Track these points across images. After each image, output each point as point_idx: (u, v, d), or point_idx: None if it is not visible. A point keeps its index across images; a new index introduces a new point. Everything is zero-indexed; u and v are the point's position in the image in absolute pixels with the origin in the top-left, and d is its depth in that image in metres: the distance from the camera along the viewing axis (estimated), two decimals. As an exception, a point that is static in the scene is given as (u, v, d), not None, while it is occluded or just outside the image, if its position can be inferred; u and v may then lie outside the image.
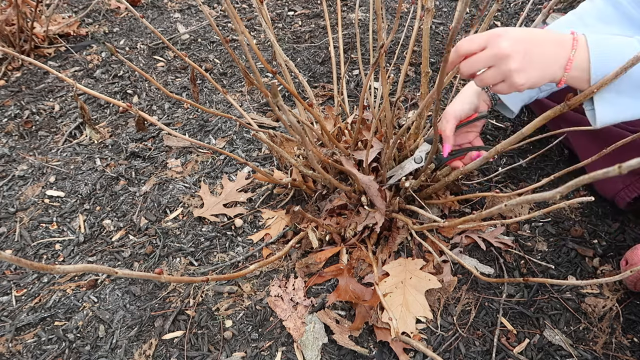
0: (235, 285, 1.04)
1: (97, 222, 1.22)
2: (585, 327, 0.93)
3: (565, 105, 0.62)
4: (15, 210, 1.27)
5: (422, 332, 0.93)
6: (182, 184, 1.30)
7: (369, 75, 0.84)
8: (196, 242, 1.14)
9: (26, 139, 1.52)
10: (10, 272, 1.12)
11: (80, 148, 1.47)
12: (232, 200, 1.23)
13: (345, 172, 1.07)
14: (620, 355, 0.88)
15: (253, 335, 0.95)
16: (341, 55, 1.32)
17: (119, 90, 1.70)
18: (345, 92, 1.38)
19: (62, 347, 0.96)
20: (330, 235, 1.07)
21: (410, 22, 1.87)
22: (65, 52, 1.93)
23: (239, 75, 1.74)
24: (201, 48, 1.92)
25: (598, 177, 0.32)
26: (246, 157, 1.37)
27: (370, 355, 0.89)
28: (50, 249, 1.16)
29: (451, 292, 0.98)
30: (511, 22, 1.96)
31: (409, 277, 0.98)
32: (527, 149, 1.30)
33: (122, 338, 0.96)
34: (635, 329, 0.92)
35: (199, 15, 2.18)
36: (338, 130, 1.20)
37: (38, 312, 1.02)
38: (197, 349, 0.93)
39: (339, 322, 0.94)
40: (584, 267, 1.02)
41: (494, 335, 0.91)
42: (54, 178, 1.36)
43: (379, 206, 0.99)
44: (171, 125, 1.53)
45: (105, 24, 2.13)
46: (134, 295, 1.04)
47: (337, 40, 1.57)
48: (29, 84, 1.76)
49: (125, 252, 1.13)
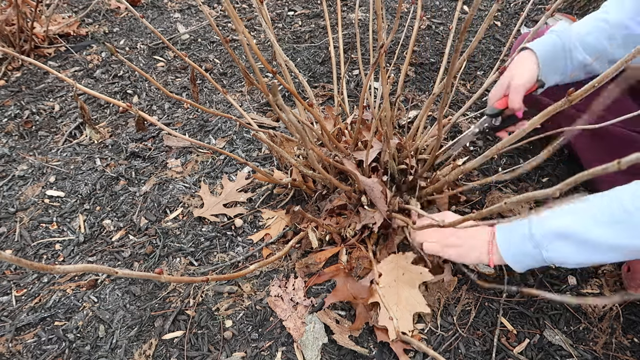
0: (235, 285, 1.04)
1: (97, 222, 1.22)
2: (585, 327, 0.93)
3: (566, 101, 0.61)
4: (15, 210, 1.27)
5: (422, 332, 0.92)
6: (182, 184, 1.30)
7: (369, 75, 0.84)
8: (196, 242, 1.14)
9: (26, 139, 1.52)
10: (10, 272, 1.12)
11: (80, 148, 1.47)
12: (232, 200, 1.23)
13: (345, 172, 1.07)
14: (620, 356, 0.88)
15: (253, 335, 0.94)
16: (341, 55, 1.32)
17: (119, 90, 1.70)
18: (345, 92, 1.38)
19: (62, 347, 0.96)
20: (330, 235, 1.07)
21: (410, 22, 1.87)
22: (65, 52, 1.93)
23: (239, 75, 1.74)
24: (201, 48, 1.92)
25: (597, 174, 0.32)
26: (246, 157, 1.37)
27: (370, 355, 0.89)
28: (50, 249, 1.16)
29: (451, 292, 0.98)
30: (511, 22, 1.96)
31: (402, 273, 0.97)
32: (527, 148, 1.30)
33: (122, 338, 0.96)
34: (636, 329, 0.92)
35: (199, 15, 2.18)
36: (338, 131, 1.20)
37: (38, 312, 1.02)
38: (197, 349, 0.93)
39: (339, 322, 0.94)
40: (584, 267, 1.02)
41: (494, 335, 0.91)
42: (54, 178, 1.36)
43: (381, 208, 0.99)
44: (171, 125, 1.53)
45: (105, 24, 2.13)
46: (134, 295, 1.04)
47: (337, 40, 1.57)
48: (29, 84, 1.76)
49: (125, 252, 1.13)
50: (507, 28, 1.93)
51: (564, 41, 0.92)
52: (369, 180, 0.97)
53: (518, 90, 0.91)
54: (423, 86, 1.61)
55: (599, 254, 0.70)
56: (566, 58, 0.93)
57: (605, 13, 0.92)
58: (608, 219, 0.67)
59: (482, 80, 1.63)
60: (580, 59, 0.92)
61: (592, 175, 0.33)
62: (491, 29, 1.91)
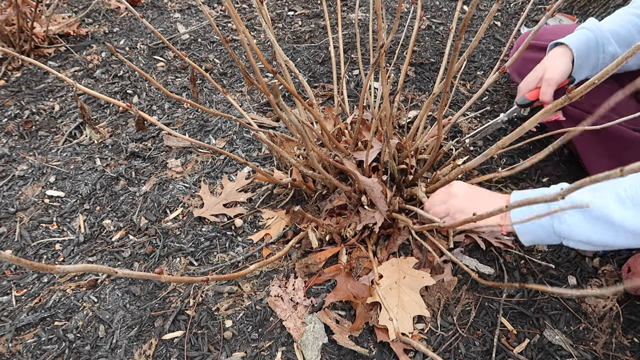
0: (235, 285, 1.03)
1: (97, 222, 1.22)
2: (586, 327, 0.93)
3: (566, 98, 0.61)
4: (15, 210, 1.27)
5: (422, 333, 0.92)
6: (182, 184, 1.30)
7: (369, 75, 0.84)
8: (196, 242, 1.14)
9: (26, 139, 1.52)
10: (10, 272, 1.12)
11: (80, 148, 1.47)
12: (232, 200, 1.23)
13: (345, 172, 1.07)
14: (620, 355, 0.88)
15: (253, 335, 0.94)
16: (341, 55, 1.32)
17: (119, 90, 1.70)
18: (345, 92, 1.38)
19: (62, 347, 0.95)
20: (330, 235, 1.07)
21: (410, 22, 1.87)
22: (65, 52, 1.93)
23: (239, 75, 1.74)
24: (201, 48, 1.92)
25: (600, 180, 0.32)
26: (246, 157, 1.37)
27: (370, 355, 0.89)
28: (50, 249, 1.16)
29: (451, 292, 0.98)
30: (511, 22, 1.96)
31: (403, 276, 0.98)
32: (527, 148, 1.29)
33: (122, 338, 0.96)
34: (636, 329, 0.92)
35: (199, 15, 2.18)
36: (338, 131, 1.20)
37: (38, 312, 1.02)
38: (197, 349, 0.93)
39: (339, 322, 0.94)
40: (584, 267, 1.02)
41: (494, 335, 0.91)
42: (54, 178, 1.36)
43: (381, 208, 0.99)
44: (171, 125, 1.53)
45: (105, 24, 2.13)
46: (134, 295, 1.04)
47: (337, 40, 1.57)
48: (29, 84, 1.76)
49: (125, 252, 1.13)
50: (507, 28, 1.93)
51: (597, 36, 0.93)
52: (369, 180, 0.97)
53: (550, 84, 0.93)
54: (423, 86, 1.61)
55: (612, 234, 0.67)
56: (599, 52, 0.94)
57: (636, 8, 0.94)
58: (632, 201, 0.63)
59: (482, 80, 1.63)
60: (612, 51, 0.93)
61: (595, 181, 0.33)
62: (491, 29, 1.91)
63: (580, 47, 0.93)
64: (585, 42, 0.93)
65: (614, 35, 0.93)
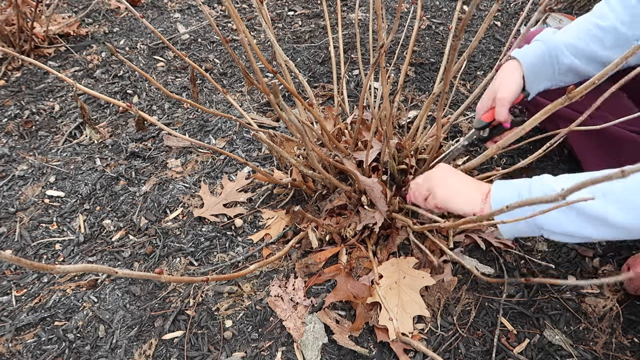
0: (235, 285, 1.04)
1: (97, 222, 1.22)
2: (586, 327, 0.93)
3: (566, 99, 0.61)
4: (15, 210, 1.27)
5: (422, 333, 0.92)
6: (182, 184, 1.30)
7: (369, 75, 0.84)
8: (196, 242, 1.14)
9: (26, 139, 1.52)
10: (10, 272, 1.12)
11: (80, 148, 1.47)
12: (232, 200, 1.23)
13: (345, 172, 1.07)
14: (620, 355, 0.88)
15: (253, 335, 0.94)
16: (341, 55, 1.32)
17: (119, 90, 1.70)
18: (345, 92, 1.38)
19: (62, 347, 0.96)
20: (330, 235, 1.07)
21: (410, 22, 1.87)
22: (65, 52, 1.93)
23: (239, 75, 1.74)
24: (201, 48, 1.92)
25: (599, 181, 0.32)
26: (246, 157, 1.37)
27: (370, 355, 0.89)
28: (50, 249, 1.16)
29: (451, 292, 0.98)
30: (511, 22, 1.96)
31: (403, 276, 0.98)
32: (527, 149, 1.29)
33: (122, 338, 0.96)
34: (636, 329, 0.92)
35: (199, 15, 2.18)
36: (338, 131, 1.20)
37: (38, 312, 1.02)
38: (197, 349, 0.93)
39: (339, 322, 0.94)
40: (584, 267, 1.02)
41: (494, 335, 0.91)
42: (54, 178, 1.36)
43: (381, 208, 0.99)
44: (171, 125, 1.53)
45: (105, 24, 2.13)
46: (134, 295, 1.04)
47: (337, 40, 1.57)
48: (29, 84, 1.76)
49: (125, 252, 1.13)
50: (507, 28, 1.93)
51: (549, 47, 0.92)
52: (369, 180, 0.97)
53: (504, 104, 0.91)
54: (423, 86, 1.61)
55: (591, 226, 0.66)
56: (553, 64, 0.93)
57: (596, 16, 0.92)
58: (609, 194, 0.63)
59: (482, 80, 1.63)
60: (568, 63, 0.92)
61: (595, 183, 0.33)
62: (491, 29, 1.91)
63: (531, 62, 0.91)
64: (539, 55, 0.92)
65: (570, 48, 0.91)
